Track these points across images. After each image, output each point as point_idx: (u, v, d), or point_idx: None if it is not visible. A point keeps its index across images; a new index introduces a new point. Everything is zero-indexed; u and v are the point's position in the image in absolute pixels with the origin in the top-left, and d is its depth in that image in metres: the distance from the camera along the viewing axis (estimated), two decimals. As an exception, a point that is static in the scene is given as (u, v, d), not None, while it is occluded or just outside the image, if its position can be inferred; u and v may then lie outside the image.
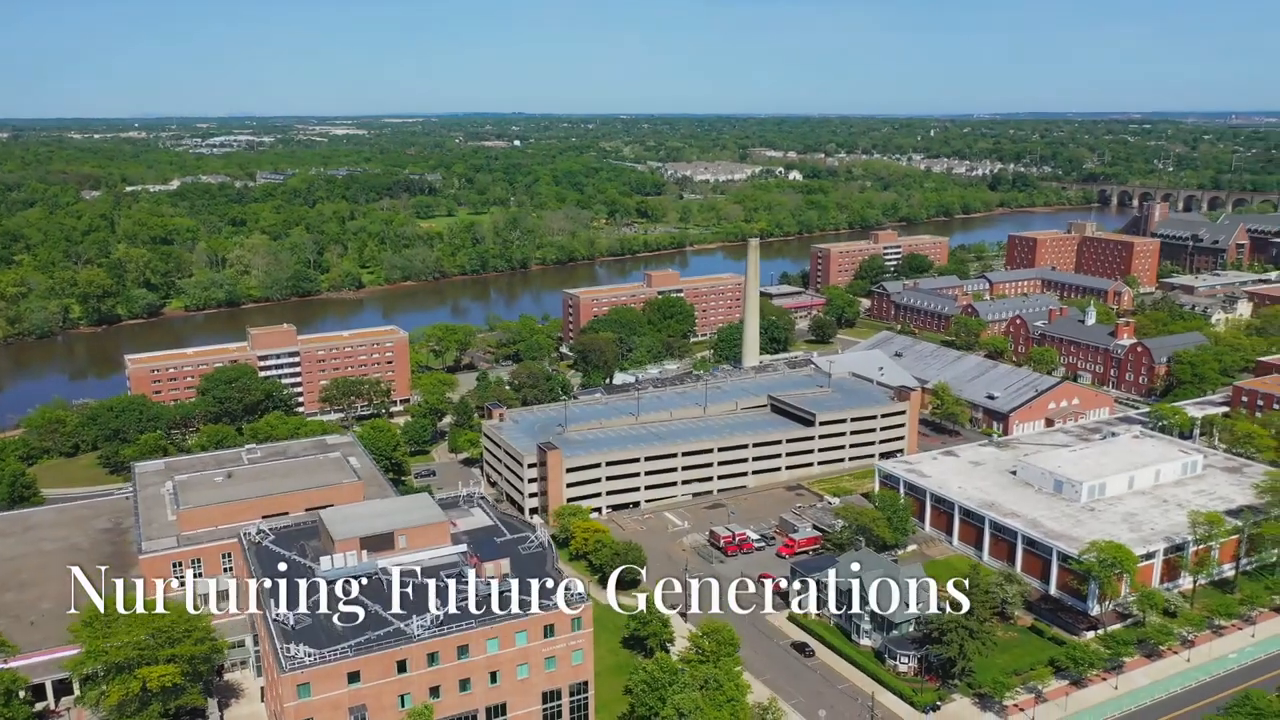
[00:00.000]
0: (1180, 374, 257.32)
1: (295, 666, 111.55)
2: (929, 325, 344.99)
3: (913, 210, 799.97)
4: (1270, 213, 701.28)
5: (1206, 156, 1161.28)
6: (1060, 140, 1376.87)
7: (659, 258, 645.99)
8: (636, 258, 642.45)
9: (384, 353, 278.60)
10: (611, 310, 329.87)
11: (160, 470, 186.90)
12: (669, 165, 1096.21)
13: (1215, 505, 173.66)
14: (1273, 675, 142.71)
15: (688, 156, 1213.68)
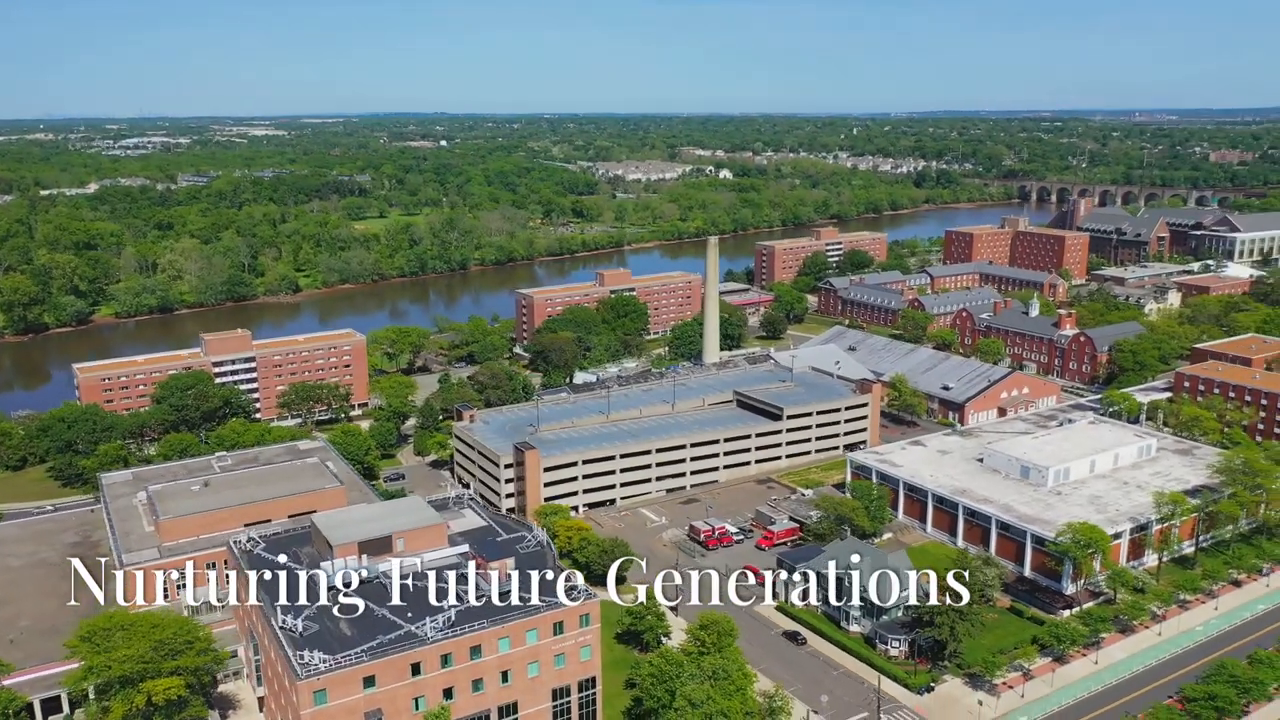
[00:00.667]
0: (1123, 362, 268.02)
1: (311, 673, 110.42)
2: (876, 320, 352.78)
3: (843, 207, 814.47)
4: (1180, 206, 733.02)
5: (1117, 153, 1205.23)
6: (978, 138, 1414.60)
7: (597, 257, 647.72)
8: (575, 257, 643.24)
9: (341, 356, 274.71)
10: (566, 310, 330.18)
11: (129, 481, 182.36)
12: (600, 165, 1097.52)
13: (1172, 486, 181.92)
14: (1239, 645, 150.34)
15: (617, 156, 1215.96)
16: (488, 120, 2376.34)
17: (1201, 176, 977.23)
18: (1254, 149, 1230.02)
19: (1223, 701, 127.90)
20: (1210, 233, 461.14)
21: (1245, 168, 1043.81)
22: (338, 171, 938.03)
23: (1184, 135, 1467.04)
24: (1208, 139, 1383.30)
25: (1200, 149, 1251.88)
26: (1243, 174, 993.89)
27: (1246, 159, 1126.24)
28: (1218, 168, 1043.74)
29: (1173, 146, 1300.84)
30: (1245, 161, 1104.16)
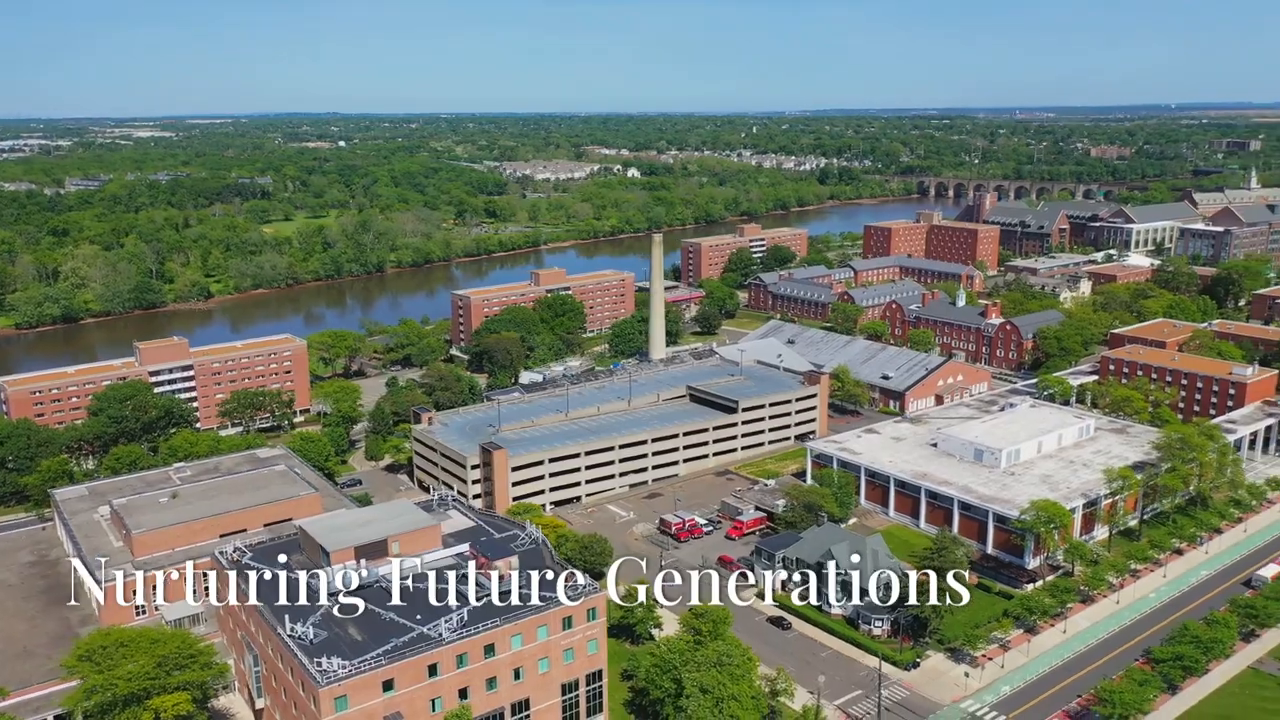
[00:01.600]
0: (1048, 348, 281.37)
1: (332, 680, 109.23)
2: (807, 313, 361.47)
3: (752, 205, 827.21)
4: (1068, 199, 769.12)
5: (1006, 150, 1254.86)
6: (873, 136, 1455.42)
7: (514, 257, 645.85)
8: (493, 258, 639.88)
9: (281, 362, 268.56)
10: (504, 310, 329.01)
11: (84, 496, 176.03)
12: (506, 164, 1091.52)
13: (1114, 463, 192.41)
14: (1191, 608, 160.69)
15: (523, 156, 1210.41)
16: (384, 120, 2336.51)
17: (1085, 171, 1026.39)
18: (1130, 144, 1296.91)
19: (1189, 660, 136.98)
20: (1108, 224, 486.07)
21: (1124, 162, 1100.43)
22: (237, 174, 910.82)
23: (1065, 132, 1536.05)
24: (1087, 135, 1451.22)
25: (1081, 145, 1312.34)
26: (1122, 168, 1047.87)
27: (1125, 154, 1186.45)
28: (1099, 163, 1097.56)
29: (1056, 143, 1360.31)
30: (1123, 156, 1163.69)
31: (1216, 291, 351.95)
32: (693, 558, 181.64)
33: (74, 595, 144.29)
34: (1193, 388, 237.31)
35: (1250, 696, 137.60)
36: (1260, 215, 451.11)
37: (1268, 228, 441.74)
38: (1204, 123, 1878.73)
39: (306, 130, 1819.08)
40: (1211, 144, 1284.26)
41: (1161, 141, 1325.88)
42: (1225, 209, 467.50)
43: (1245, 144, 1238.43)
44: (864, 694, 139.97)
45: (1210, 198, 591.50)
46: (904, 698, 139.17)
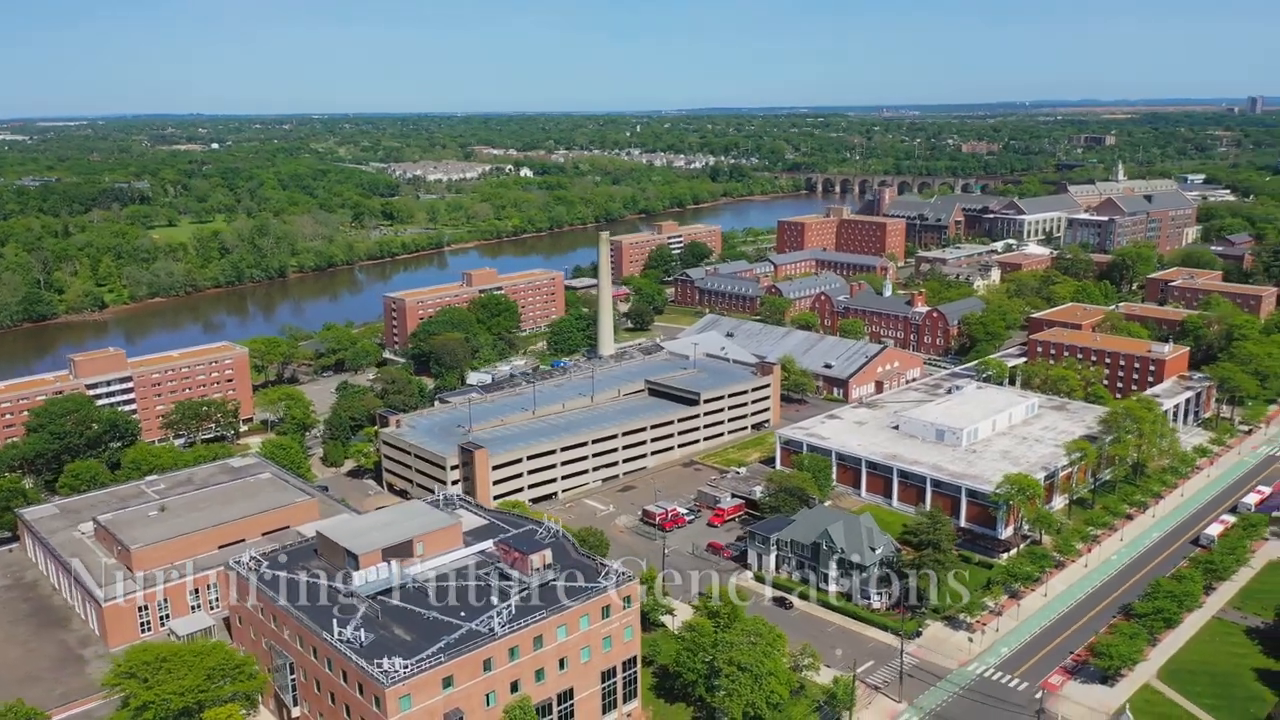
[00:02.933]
0: (975, 333, 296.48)
1: (396, 679, 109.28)
2: (735, 307, 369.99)
3: (650, 203, 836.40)
4: (949, 194, 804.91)
5: (883, 146, 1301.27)
6: (755, 134, 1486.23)
7: (418, 259, 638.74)
8: (396, 260, 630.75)
9: (223, 371, 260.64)
10: (439, 311, 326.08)
11: (56, 515, 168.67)
12: (395, 165, 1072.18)
13: (1062, 437, 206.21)
14: (1151, 566, 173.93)
15: (410, 156, 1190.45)
16: (254, 121, 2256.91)
17: (959, 166, 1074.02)
18: (997, 140, 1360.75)
19: (1168, 613, 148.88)
20: (1001, 215, 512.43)
21: (994, 157, 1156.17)
22: (110, 178, 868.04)
23: (935, 129, 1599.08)
24: (956, 132, 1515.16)
25: (953, 141, 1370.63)
26: (993, 163, 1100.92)
27: (993, 150, 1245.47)
28: (972, 158, 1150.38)
29: (928, 139, 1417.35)
30: (992, 152, 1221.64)
31: (1111, 276, 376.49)
32: (681, 546, 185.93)
33: (84, 614, 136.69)
34: (1115, 366, 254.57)
35: (1220, 644, 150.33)
36: (1139, 205, 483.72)
37: (1145, 216, 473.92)
38: (1059, 119, 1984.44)
39: (173, 133, 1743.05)
40: (1070, 139, 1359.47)
41: (1025, 137, 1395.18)
42: (1108, 200, 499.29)
43: (1101, 139, 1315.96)
44: (875, 664, 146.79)
45: (1082, 190, 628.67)
46: (913, 665, 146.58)
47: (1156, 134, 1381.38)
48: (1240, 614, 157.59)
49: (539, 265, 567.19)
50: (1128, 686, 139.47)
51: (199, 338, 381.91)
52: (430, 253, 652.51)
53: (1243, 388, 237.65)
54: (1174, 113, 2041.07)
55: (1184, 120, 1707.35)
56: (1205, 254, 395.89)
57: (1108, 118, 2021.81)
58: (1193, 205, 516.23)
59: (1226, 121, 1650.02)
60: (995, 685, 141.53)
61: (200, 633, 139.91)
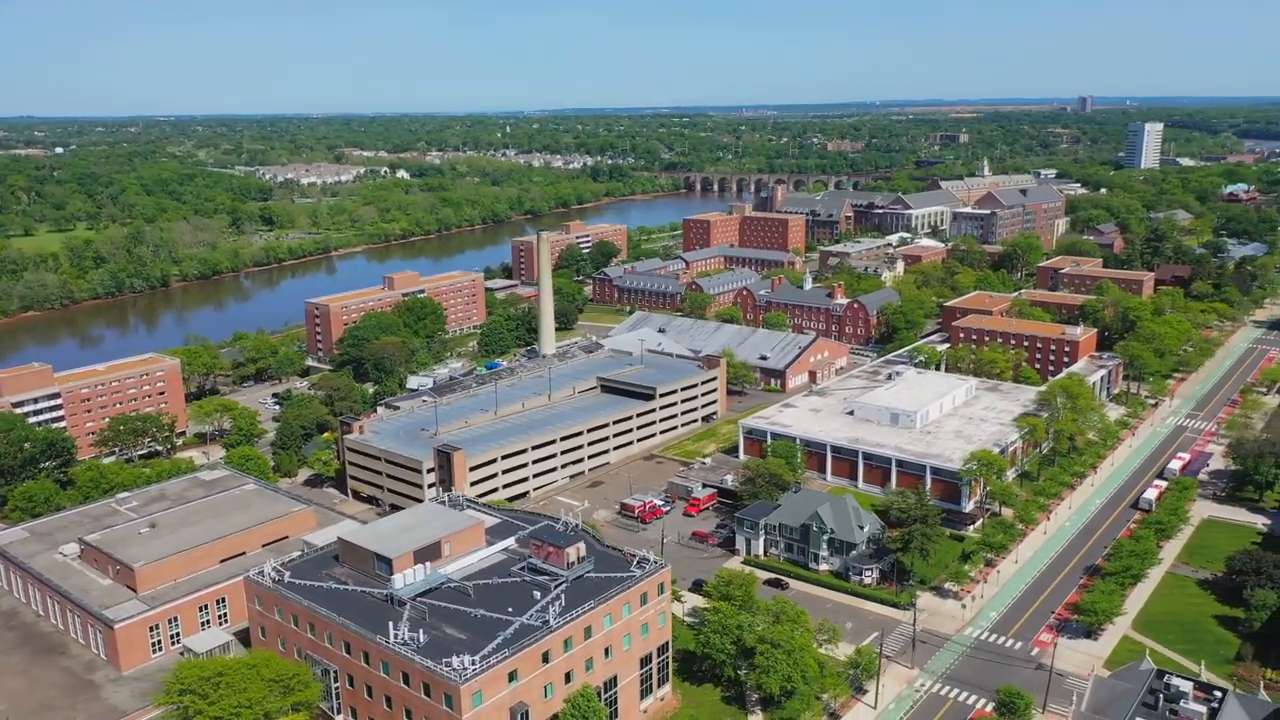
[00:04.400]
0: (895, 322, 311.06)
1: (468, 676, 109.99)
2: (656, 304, 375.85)
3: (535, 204, 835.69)
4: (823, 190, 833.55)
5: (754, 145, 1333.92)
6: (627, 134, 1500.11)
7: (305, 265, 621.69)
8: (283, 266, 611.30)
9: (154, 384, 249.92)
10: (364, 316, 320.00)
11: (26, 539, 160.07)
12: (264, 169, 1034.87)
13: (1004, 416, 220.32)
14: (1103, 529, 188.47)
15: (276, 159, 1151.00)
16: (95, 124, 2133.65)
17: (828, 164, 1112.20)
18: (859, 139, 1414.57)
19: (1135, 569, 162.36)
20: (889, 210, 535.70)
21: (859, 155, 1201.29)
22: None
23: (800, 128, 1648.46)
24: (820, 131, 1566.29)
25: (818, 140, 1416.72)
26: (859, 161, 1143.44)
27: (857, 148, 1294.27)
28: (839, 156, 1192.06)
29: (795, 138, 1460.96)
30: (857, 150, 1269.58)
31: (1003, 265, 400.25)
32: (666, 535, 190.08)
33: (84, 639, 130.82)
34: (1034, 348, 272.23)
35: (1179, 596, 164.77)
36: (1016, 199, 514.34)
37: (1022, 209, 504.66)
38: (910, 118, 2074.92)
39: (6, 136, 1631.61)
40: (927, 137, 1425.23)
41: (885, 135, 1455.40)
42: (988, 194, 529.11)
43: (955, 137, 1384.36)
44: (879, 635, 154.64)
45: (956, 185, 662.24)
46: (909, 632, 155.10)
47: (1004, 132, 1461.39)
48: (1190, 568, 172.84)
49: (429, 268, 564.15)
50: (1110, 639, 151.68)
51: (66, 354, 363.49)
52: (318, 258, 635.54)
53: (1148, 365, 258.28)
54: (1015, 111, 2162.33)
55: (1025, 119, 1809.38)
56: (1087, 243, 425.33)
57: (955, 116, 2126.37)
58: (1061, 198, 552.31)
59: (1062, 120, 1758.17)
60: (993, 646, 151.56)
61: (218, 648, 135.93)
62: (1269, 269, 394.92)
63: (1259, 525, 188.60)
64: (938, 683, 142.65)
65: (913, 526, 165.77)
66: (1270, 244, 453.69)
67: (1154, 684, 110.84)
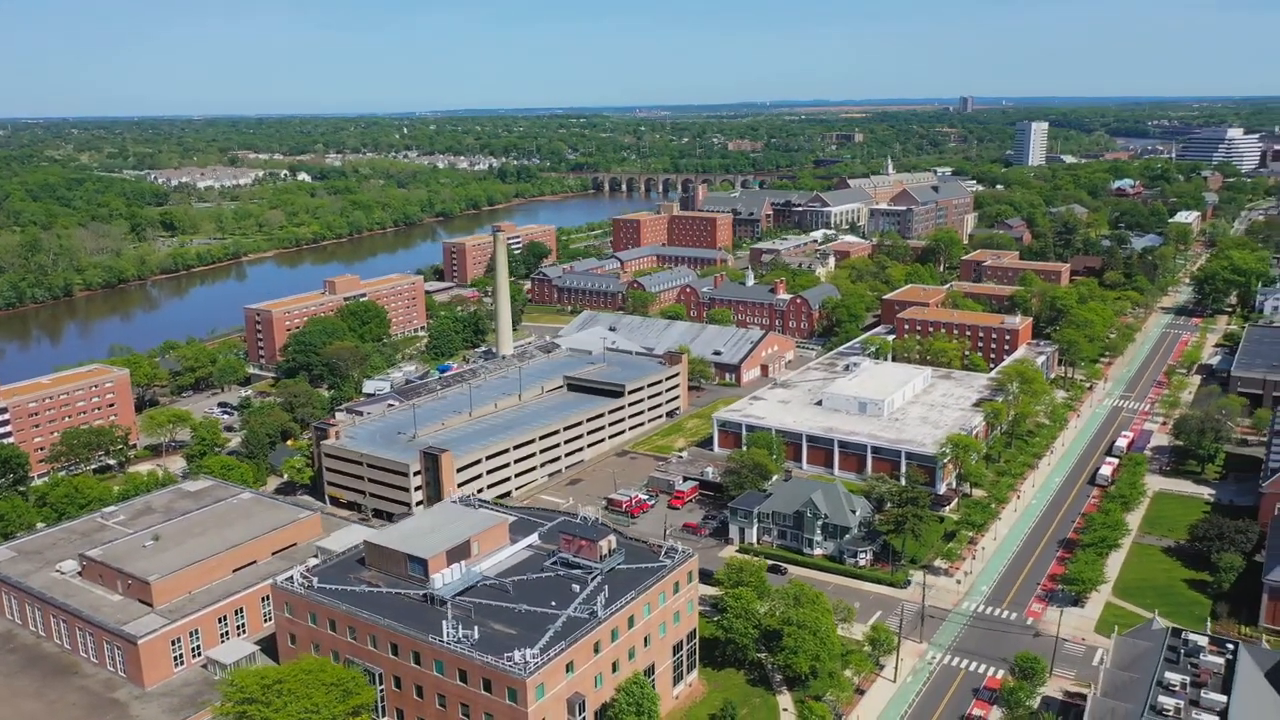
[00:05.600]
0: (839, 315, 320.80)
1: (531, 670, 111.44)
2: (597, 303, 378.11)
3: (447, 205, 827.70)
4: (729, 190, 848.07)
5: (656, 145, 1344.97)
6: (525, 134, 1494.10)
7: (215, 271, 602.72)
8: (193, 273, 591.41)
9: (104, 395, 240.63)
10: (308, 321, 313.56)
11: (14, 558, 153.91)
12: (156, 173, 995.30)
13: (962, 401, 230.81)
14: (1067, 505, 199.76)
15: (167, 163, 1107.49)
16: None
17: (731, 164, 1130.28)
18: (758, 139, 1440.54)
19: (1110, 539, 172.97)
20: (809, 208, 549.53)
21: (760, 155, 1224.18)
22: None
23: (699, 128, 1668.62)
24: (719, 131, 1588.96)
25: (717, 140, 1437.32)
26: (761, 160, 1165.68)
27: (758, 148, 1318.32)
28: (741, 155, 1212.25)
29: (696, 138, 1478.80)
30: (757, 150, 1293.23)
31: (926, 259, 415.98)
32: (655, 528, 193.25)
33: (98, 656, 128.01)
34: (975, 337, 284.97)
35: (1148, 563, 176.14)
36: (929, 195, 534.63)
37: (935, 205, 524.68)
38: (802, 118, 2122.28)
39: None
40: (823, 137, 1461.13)
41: (783, 135, 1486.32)
42: (903, 191, 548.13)
43: (850, 136, 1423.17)
44: (883, 613, 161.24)
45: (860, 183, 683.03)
46: (915, 610, 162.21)
47: (896, 132, 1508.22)
48: (1154, 537, 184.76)
49: (342, 272, 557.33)
50: (1095, 605, 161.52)
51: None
52: (228, 264, 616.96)
53: (1083, 350, 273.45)
54: (902, 112, 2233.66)
55: (913, 118, 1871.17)
56: (1004, 238, 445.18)
57: (845, 116, 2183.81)
58: (969, 195, 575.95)
59: (946, 119, 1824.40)
60: (991, 618, 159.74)
61: (244, 659, 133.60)
62: (1168, 259, 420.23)
63: (1205, 496, 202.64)
64: (947, 654, 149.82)
65: (904, 508, 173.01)
66: (1163, 235, 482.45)
67: (1172, 641, 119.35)
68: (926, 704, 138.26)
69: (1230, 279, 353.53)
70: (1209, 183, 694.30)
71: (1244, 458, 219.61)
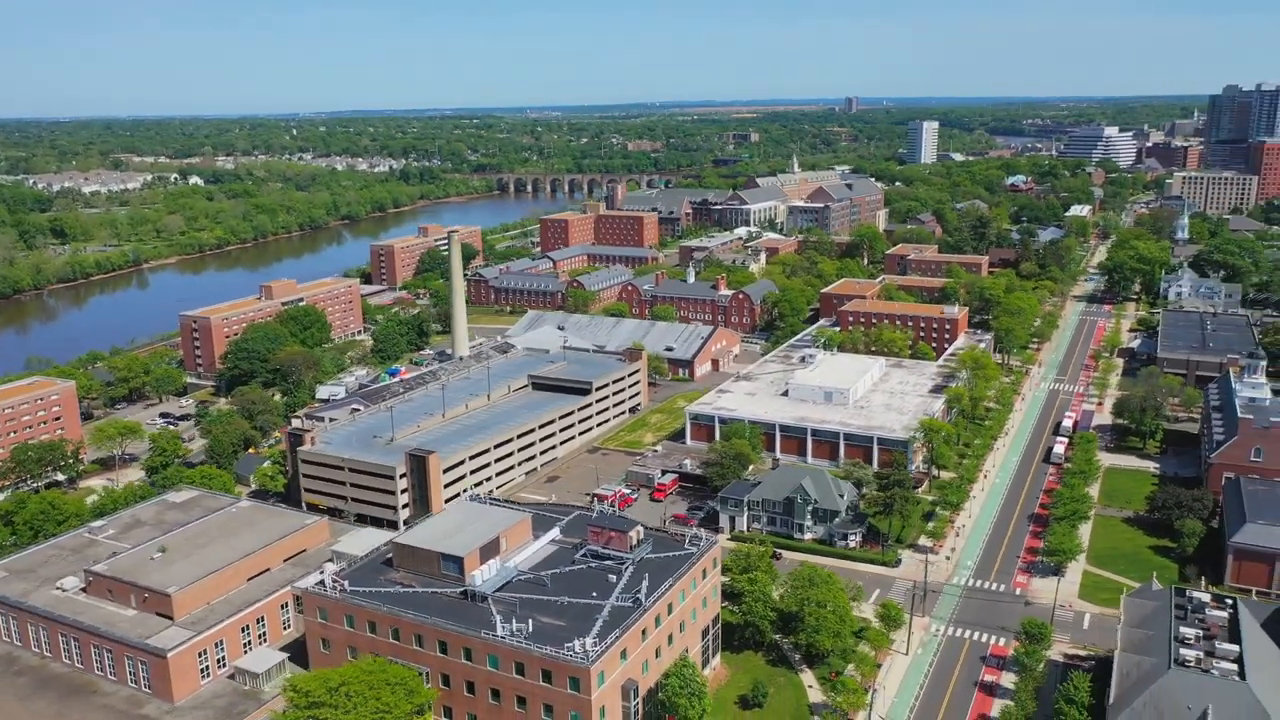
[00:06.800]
0: (782, 310, 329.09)
1: (592, 659, 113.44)
2: (536, 303, 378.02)
3: (352, 208, 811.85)
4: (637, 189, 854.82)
5: (555, 146, 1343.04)
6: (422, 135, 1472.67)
7: (115, 280, 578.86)
8: (91, 282, 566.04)
9: (50, 409, 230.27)
10: (247, 327, 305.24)
11: (5, 577, 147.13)
12: (35, 177, 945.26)
13: (920, 389, 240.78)
14: (1029, 482, 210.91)
15: (45, 167, 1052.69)
16: None
17: (633, 163, 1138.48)
18: (657, 139, 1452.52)
19: (1081, 511, 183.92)
20: (728, 206, 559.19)
21: (661, 154, 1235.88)
22: None
23: (597, 129, 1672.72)
24: (618, 131, 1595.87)
25: (617, 140, 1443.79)
26: (662, 160, 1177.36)
27: (658, 147, 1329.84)
28: (642, 155, 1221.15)
29: (594, 138, 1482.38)
30: (657, 150, 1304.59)
31: (852, 254, 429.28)
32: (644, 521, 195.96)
33: (120, 673, 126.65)
34: (917, 327, 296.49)
35: (1112, 533, 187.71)
36: (844, 193, 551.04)
37: (850, 202, 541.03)
38: (695, 118, 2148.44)
39: None
40: (720, 137, 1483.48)
41: (681, 135, 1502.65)
42: (819, 189, 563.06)
43: (747, 136, 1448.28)
44: (881, 591, 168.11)
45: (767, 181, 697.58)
46: (909, 587, 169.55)
47: (789, 131, 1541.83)
48: (1114, 509, 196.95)
49: (246, 278, 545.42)
50: (1074, 574, 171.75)
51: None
52: (129, 271, 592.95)
53: (1018, 337, 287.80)
54: (791, 112, 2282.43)
55: (803, 118, 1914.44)
56: (923, 232, 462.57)
57: (737, 116, 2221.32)
58: (880, 191, 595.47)
59: (834, 119, 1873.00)
60: (982, 590, 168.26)
61: (274, 667, 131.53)
62: (1073, 250, 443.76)
63: (1151, 469, 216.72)
64: (949, 626, 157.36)
65: (892, 490, 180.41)
66: (1063, 227, 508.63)
67: (1178, 599, 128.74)
68: (940, 672, 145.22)
69: (1136, 267, 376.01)
70: (1093, 178, 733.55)
71: (1179, 433, 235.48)
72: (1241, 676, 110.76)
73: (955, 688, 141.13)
